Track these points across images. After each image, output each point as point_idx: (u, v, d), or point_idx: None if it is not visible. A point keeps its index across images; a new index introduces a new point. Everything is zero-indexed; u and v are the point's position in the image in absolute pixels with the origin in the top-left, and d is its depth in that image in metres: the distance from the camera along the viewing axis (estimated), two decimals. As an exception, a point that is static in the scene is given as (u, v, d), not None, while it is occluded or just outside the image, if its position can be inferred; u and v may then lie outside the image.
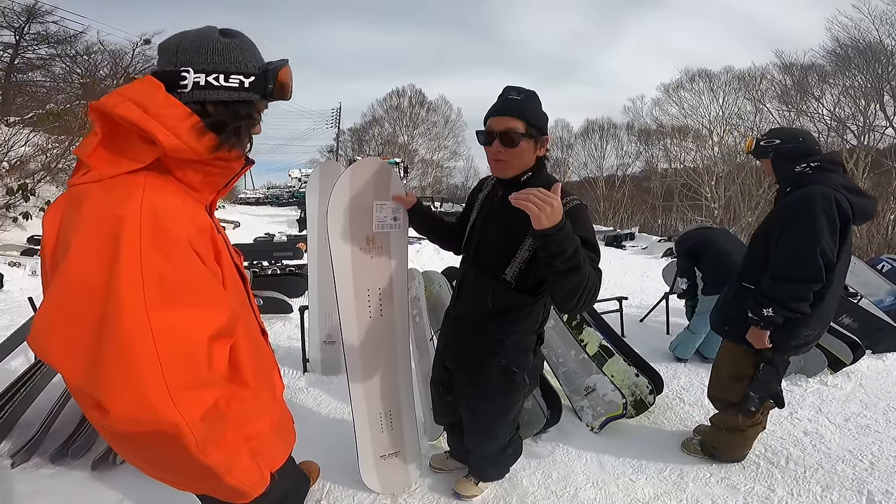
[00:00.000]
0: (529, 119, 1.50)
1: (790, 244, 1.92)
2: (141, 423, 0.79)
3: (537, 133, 1.53)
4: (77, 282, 0.79)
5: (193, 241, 0.89)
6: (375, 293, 1.90)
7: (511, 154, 1.52)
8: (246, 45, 0.97)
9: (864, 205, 1.98)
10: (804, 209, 1.91)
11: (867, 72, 20.02)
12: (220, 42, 0.94)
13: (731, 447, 2.31)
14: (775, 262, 1.96)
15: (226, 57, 0.94)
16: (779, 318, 1.94)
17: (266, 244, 9.25)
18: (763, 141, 2.17)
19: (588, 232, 1.46)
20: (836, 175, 1.99)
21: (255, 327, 1.17)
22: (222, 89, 0.94)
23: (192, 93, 0.92)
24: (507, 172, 1.57)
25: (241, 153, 1.03)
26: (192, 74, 0.91)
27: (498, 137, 1.51)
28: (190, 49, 0.92)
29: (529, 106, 1.52)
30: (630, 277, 7.86)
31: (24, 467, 2.17)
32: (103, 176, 0.86)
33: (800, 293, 1.91)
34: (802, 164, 2.02)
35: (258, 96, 0.98)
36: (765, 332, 1.99)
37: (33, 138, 9.56)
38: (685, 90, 29.50)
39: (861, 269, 5.14)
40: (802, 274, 1.89)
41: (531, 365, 1.75)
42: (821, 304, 1.96)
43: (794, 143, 2.09)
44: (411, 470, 2.11)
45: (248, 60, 0.96)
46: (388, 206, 1.84)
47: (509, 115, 1.50)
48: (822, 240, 1.85)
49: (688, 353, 3.69)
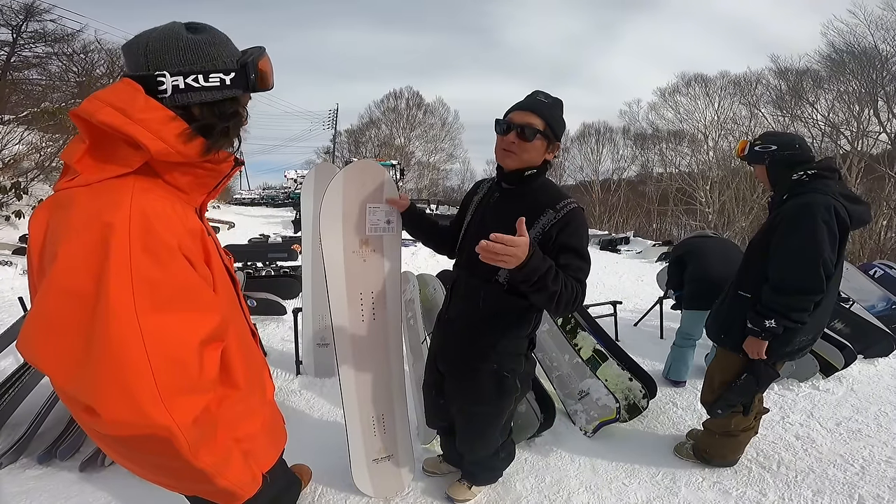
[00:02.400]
0: (550, 121, 1.55)
1: (791, 255, 1.90)
2: (132, 426, 0.79)
3: (553, 136, 1.58)
4: (66, 290, 0.78)
5: (184, 245, 0.88)
6: (368, 296, 1.89)
7: (523, 147, 1.55)
8: (218, 39, 0.93)
9: (860, 212, 1.97)
10: (805, 219, 1.88)
11: (862, 77, 20.17)
12: (190, 40, 0.89)
13: (724, 452, 2.31)
14: (776, 273, 1.94)
15: (200, 55, 0.90)
16: (780, 328, 1.92)
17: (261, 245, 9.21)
18: (758, 146, 2.12)
19: (578, 239, 1.50)
20: (833, 182, 1.97)
21: (246, 329, 1.17)
22: (204, 90, 0.91)
23: (173, 97, 0.89)
24: (513, 164, 1.59)
25: (230, 153, 1.02)
26: (168, 78, 0.87)
27: (515, 129, 1.54)
28: (159, 50, 0.87)
29: (553, 110, 1.58)
30: (625, 282, 7.88)
31: (11, 468, 2.15)
32: (91, 181, 0.85)
33: (802, 304, 1.89)
34: (800, 171, 1.99)
35: (241, 91, 0.96)
36: (763, 342, 1.97)
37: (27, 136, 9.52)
38: (681, 94, 29.72)
39: (853, 275, 5.17)
40: (805, 285, 1.87)
41: (523, 369, 1.75)
42: (818, 312, 1.95)
43: (791, 149, 2.05)
44: (404, 473, 2.10)
45: (223, 55, 0.93)
46: (381, 209, 1.83)
47: (532, 111, 1.55)
48: (825, 251, 1.84)
49: (682, 375, 3.42)
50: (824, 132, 21.78)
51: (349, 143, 38.77)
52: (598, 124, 36.10)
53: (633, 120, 33.36)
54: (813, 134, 22.17)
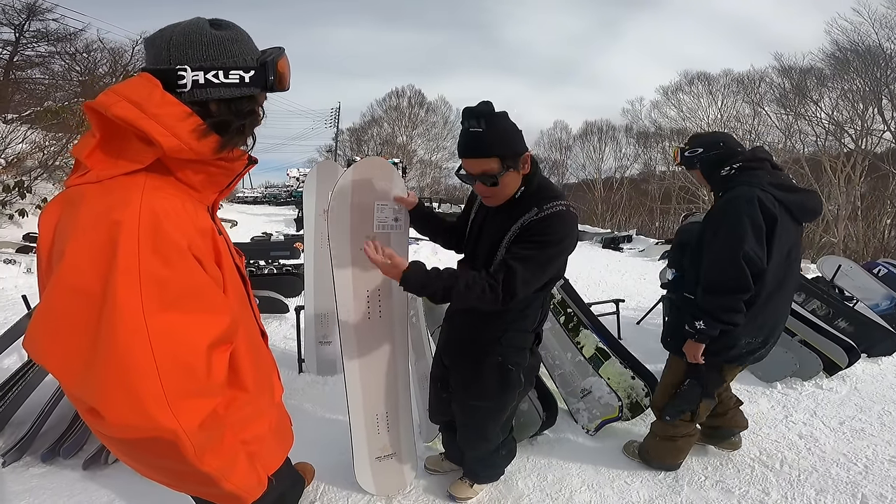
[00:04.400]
0: (500, 153, 1.43)
1: (715, 253, 1.86)
2: (137, 429, 0.79)
3: (514, 161, 1.47)
4: (73, 288, 0.77)
5: (194, 245, 0.87)
6: (375, 294, 1.90)
7: (496, 191, 1.52)
8: (240, 37, 0.93)
9: (799, 200, 1.91)
10: (727, 215, 1.85)
11: (866, 75, 20.02)
12: (214, 35, 0.89)
13: (663, 455, 2.28)
14: (705, 274, 1.90)
15: (222, 51, 0.89)
16: (712, 330, 1.87)
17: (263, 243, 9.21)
18: (687, 151, 2.11)
19: (540, 237, 1.47)
20: (762, 172, 1.91)
21: (256, 330, 1.16)
22: (223, 86, 0.90)
23: (192, 92, 0.88)
24: (498, 203, 1.58)
25: (244, 151, 1.00)
26: (189, 73, 0.86)
27: (478, 180, 1.50)
28: (183, 44, 0.87)
29: (496, 136, 1.43)
30: (627, 280, 7.85)
31: (14, 466, 2.16)
32: (101, 177, 0.83)
33: (729, 304, 1.83)
34: (726, 167, 1.97)
35: (259, 90, 0.95)
36: (699, 344, 1.93)
37: (31, 135, 9.55)
38: (684, 93, 29.70)
39: (857, 274, 5.16)
40: (728, 283, 1.82)
41: (527, 364, 1.75)
42: (759, 311, 1.90)
43: (716, 148, 2.03)
44: (406, 471, 2.10)
45: (245, 53, 0.92)
46: (389, 207, 1.84)
47: (480, 156, 1.44)
48: (745, 244, 1.78)
49: None
50: (828, 130, 21.65)
51: (351, 141, 38.81)
52: (601, 122, 36.19)
53: (635, 118, 33.38)
54: (817, 132, 22.11)
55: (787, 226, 1.88)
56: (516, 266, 1.43)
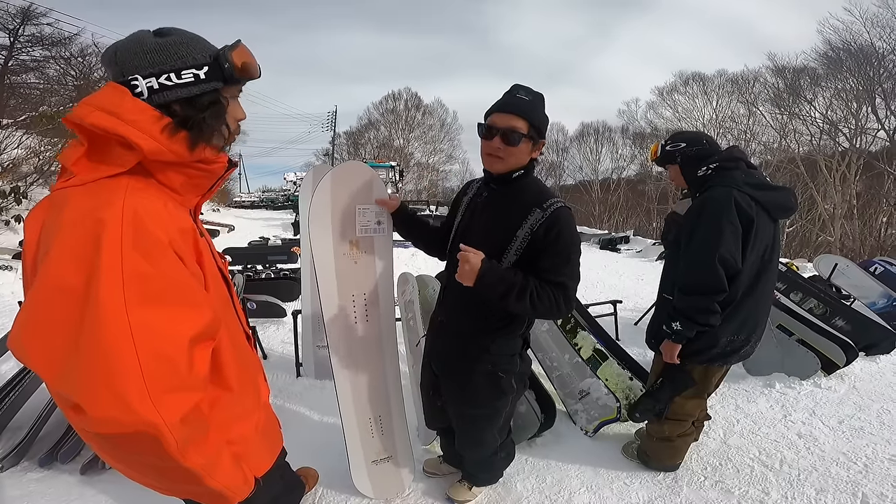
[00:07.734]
0: (533, 121, 1.50)
1: (690, 254, 1.87)
2: (119, 424, 0.78)
3: (537, 136, 1.53)
4: (56, 285, 0.78)
5: (175, 242, 0.88)
6: (361, 298, 1.88)
7: (509, 152, 1.52)
8: (186, 39, 0.94)
9: (775, 198, 1.92)
10: (702, 216, 1.86)
11: (859, 75, 20.13)
12: (156, 42, 0.91)
13: (661, 456, 2.27)
14: (681, 275, 1.91)
15: (169, 55, 0.91)
16: (688, 331, 1.88)
17: (260, 248, 9.21)
18: (669, 146, 2.11)
19: (562, 242, 1.50)
20: (738, 172, 1.92)
21: (240, 332, 1.16)
22: (180, 87, 0.92)
23: (151, 98, 0.90)
24: (500, 168, 1.56)
25: (221, 152, 1.02)
26: (142, 80, 0.89)
27: (499, 134, 1.50)
28: (127, 56, 0.90)
29: (535, 108, 1.52)
30: (625, 281, 7.87)
31: (12, 471, 2.15)
32: (85, 180, 0.86)
33: (704, 304, 1.84)
34: (703, 167, 1.98)
35: (220, 83, 0.96)
36: (676, 345, 1.94)
37: (26, 141, 9.52)
38: (679, 93, 29.92)
39: (854, 272, 5.18)
40: (703, 285, 1.83)
41: (518, 369, 1.74)
42: (737, 310, 1.90)
43: (699, 145, 2.04)
44: (404, 474, 2.09)
45: (194, 52, 0.94)
46: (371, 210, 1.82)
47: (515, 113, 1.49)
48: (721, 246, 1.79)
49: None
50: (823, 130, 21.77)
51: (348, 144, 38.86)
52: (597, 124, 36.28)
53: (631, 119, 33.50)
54: (812, 132, 22.22)
55: (764, 224, 1.89)
56: (567, 282, 1.50)
